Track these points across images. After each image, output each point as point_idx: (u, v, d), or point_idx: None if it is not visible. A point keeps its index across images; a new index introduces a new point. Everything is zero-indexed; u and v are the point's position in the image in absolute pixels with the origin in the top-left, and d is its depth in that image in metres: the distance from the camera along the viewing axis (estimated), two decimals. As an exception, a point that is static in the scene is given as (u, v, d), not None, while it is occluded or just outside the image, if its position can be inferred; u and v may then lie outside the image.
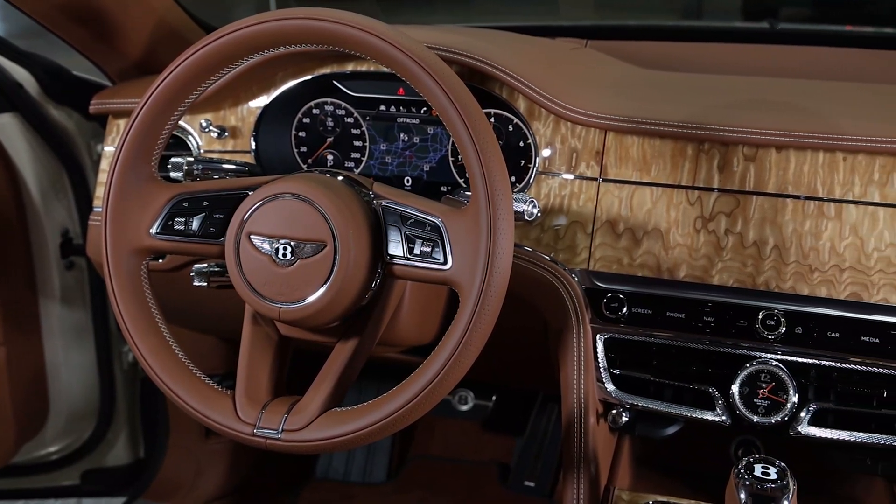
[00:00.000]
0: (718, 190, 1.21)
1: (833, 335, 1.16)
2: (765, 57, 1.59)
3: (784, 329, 1.17)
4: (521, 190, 1.30)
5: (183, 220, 1.09)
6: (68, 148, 1.85)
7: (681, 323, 1.21)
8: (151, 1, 1.56)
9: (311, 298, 1.01)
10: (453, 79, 0.99)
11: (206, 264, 1.27)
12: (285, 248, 1.01)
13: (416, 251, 1.01)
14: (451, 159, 1.36)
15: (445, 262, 0.99)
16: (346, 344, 1.09)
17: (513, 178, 1.30)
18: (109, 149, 1.55)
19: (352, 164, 1.41)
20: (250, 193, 1.05)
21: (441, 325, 1.39)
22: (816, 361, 1.17)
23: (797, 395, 1.16)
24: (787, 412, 1.16)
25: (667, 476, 1.37)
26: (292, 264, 1.02)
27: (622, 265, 1.24)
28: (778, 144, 1.18)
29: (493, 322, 0.96)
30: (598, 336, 1.25)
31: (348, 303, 1.03)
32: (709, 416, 1.20)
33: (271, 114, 1.42)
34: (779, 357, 1.18)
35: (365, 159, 1.40)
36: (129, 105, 1.50)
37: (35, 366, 1.89)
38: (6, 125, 1.77)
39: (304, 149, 1.43)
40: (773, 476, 0.98)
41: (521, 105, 1.29)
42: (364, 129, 1.39)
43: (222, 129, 1.43)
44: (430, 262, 1.00)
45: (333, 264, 1.00)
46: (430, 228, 1.01)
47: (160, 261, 1.47)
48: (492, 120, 1.31)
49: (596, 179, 1.26)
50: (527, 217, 1.18)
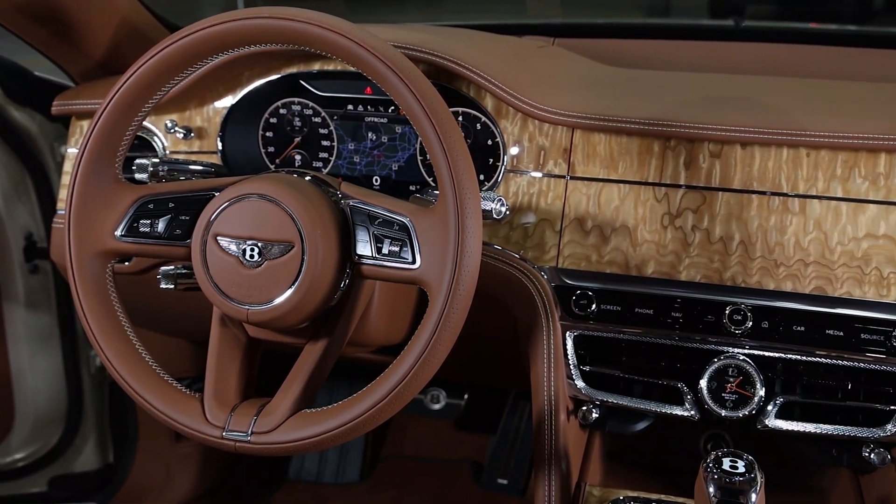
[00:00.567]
0: (685, 186, 1.22)
1: (798, 329, 1.17)
2: (730, 54, 1.60)
3: (751, 323, 1.18)
4: (490, 188, 1.30)
5: (148, 222, 1.08)
6: (31, 150, 1.82)
7: (649, 319, 1.22)
8: (114, 0, 1.54)
9: (280, 300, 1.01)
10: (420, 78, 0.99)
11: (172, 266, 1.26)
12: (252, 250, 1.01)
13: (385, 251, 1.01)
14: (419, 158, 1.36)
15: (414, 262, 0.99)
16: (316, 345, 1.09)
17: (481, 177, 1.30)
18: (73, 150, 1.53)
19: (320, 164, 1.40)
20: (217, 194, 1.04)
21: (411, 325, 1.39)
22: (783, 355, 1.18)
23: (764, 388, 1.17)
24: (754, 406, 1.18)
25: (637, 471, 1.38)
26: (260, 265, 1.01)
27: (591, 262, 1.24)
28: (743, 141, 1.20)
29: (462, 320, 0.96)
30: (568, 333, 1.25)
31: (317, 303, 1.03)
32: (678, 411, 1.21)
33: (238, 114, 1.41)
34: (746, 351, 1.19)
35: (333, 159, 1.39)
36: (93, 106, 1.48)
37: (0, 371, 1.86)
38: (-33, 128, 1.74)
39: (271, 149, 1.42)
40: (742, 469, 0.99)
41: (489, 103, 1.29)
42: (332, 128, 1.39)
43: (188, 130, 1.41)
44: (398, 262, 1.00)
45: (301, 265, 1.00)
46: (398, 228, 1.01)
47: (126, 263, 1.45)
48: (459, 119, 1.31)
49: (564, 177, 1.26)
50: (495, 215, 1.18)
